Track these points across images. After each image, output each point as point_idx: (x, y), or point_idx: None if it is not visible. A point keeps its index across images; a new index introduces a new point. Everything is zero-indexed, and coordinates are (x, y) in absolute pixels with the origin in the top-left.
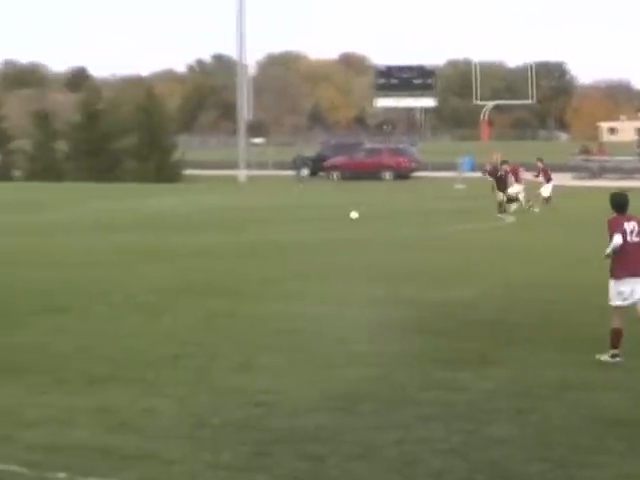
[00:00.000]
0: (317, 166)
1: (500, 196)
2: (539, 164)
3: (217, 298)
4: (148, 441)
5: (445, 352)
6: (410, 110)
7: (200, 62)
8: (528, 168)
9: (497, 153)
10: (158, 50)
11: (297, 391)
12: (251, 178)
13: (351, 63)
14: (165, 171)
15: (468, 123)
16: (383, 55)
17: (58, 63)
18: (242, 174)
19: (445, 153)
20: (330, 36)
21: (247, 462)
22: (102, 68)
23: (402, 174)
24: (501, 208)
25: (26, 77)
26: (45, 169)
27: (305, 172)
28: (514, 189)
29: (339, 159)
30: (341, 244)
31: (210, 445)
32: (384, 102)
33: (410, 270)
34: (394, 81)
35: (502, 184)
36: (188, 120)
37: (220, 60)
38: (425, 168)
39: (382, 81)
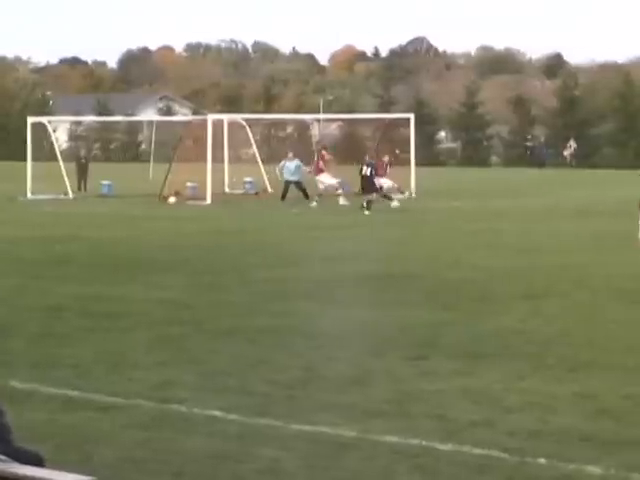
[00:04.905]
0: None
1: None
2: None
3: None
4: (629, 428)
5: None
6: None
7: None
8: None
9: None
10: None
11: None
12: None
13: None
14: None
15: None
16: None
17: (534, 50)
18: None
19: None
20: None
21: None
22: (578, 55)
23: None
24: None
25: (502, 63)
26: (521, 155)
27: None
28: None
29: None
30: None
31: None
32: None
33: None
34: None
35: None
36: None
37: None
38: None
39: None
